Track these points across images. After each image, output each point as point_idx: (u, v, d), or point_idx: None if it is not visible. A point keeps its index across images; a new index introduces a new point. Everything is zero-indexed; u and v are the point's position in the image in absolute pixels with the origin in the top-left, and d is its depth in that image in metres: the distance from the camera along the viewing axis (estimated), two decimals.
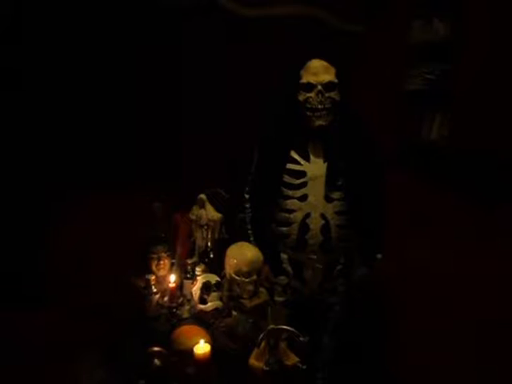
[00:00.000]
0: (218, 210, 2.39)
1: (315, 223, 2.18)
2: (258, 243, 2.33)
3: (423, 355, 2.50)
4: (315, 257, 2.25)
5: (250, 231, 2.37)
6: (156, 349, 1.77)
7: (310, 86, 2.08)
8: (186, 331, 1.91)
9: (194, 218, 2.37)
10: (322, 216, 2.17)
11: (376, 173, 2.28)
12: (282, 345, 1.86)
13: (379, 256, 2.36)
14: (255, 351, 1.84)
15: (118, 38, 2.73)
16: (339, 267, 2.33)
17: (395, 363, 2.53)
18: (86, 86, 2.71)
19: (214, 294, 2.04)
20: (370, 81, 3.14)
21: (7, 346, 2.17)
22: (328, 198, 2.17)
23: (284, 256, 2.32)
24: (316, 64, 2.10)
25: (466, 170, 3.09)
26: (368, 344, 2.55)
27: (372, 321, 2.60)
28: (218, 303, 2.05)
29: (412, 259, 2.82)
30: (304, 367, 1.83)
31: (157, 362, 1.74)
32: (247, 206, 2.37)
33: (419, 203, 3.04)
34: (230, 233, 2.42)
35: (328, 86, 2.08)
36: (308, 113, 2.11)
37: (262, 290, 2.21)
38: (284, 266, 2.33)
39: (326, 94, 2.08)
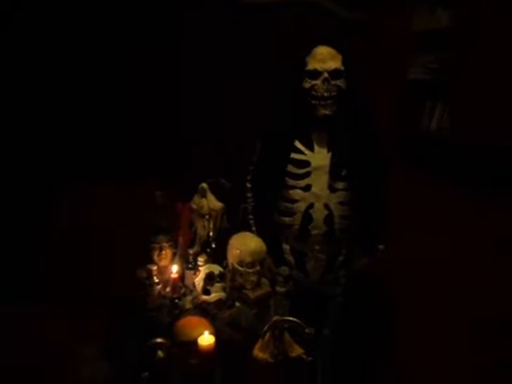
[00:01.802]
0: (219, 199, 2.35)
1: (318, 213, 2.16)
2: (260, 233, 2.31)
3: (425, 348, 2.50)
4: (318, 247, 2.23)
5: (251, 221, 2.35)
6: (159, 340, 1.74)
7: (316, 73, 2.04)
8: (190, 322, 1.89)
9: (195, 207, 2.33)
10: (326, 206, 2.15)
11: (379, 163, 2.25)
12: (287, 336, 1.85)
13: (381, 247, 2.35)
14: (259, 342, 1.81)
15: (119, 29, 2.67)
16: (341, 258, 2.31)
17: (396, 356, 2.53)
18: (88, 77, 2.65)
19: (217, 285, 2.01)
20: (370, 69, 3.09)
21: (8, 339, 2.13)
22: (332, 188, 2.15)
23: (286, 246, 2.30)
24: (322, 51, 2.06)
25: (467, 162, 3.07)
26: (369, 336, 2.54)
27: (373, 313, 2.59)
28: (222, 294, 2.02)
29: (411, 252, 2.81)
30: (309, 359, 1.82)
31: (160, 353, 1.71)
32: (249, 195, 2.34)
33: (418, 195, 3.02)
34: (231, 222, 2.38)
35: (334, 74, 2.04)
36: (313, 101, 2.07)
37: (263, 280, 2.19)
38: (286, 256, 2.31)
39: (333, 82, 2.04)
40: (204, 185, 2.32)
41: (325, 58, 2.04)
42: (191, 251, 2.26)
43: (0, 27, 2.36)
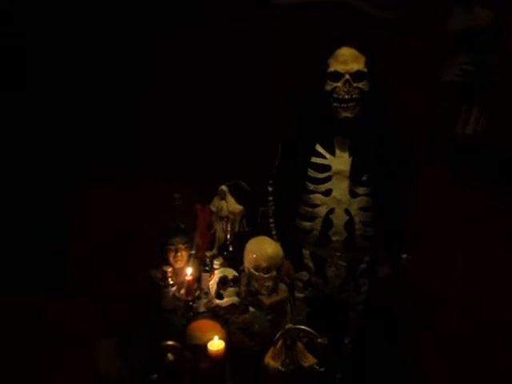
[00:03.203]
0: (239, 202, 2.32)
1: (339, 219, 2.09)
2: (280, 237, 2.28)
3: (448, 358, 2.40)
4: (338, 254, 2.17)
5: (272, 224, 2.32)
6: (169, 343, 1.72)
7: (337, 75, 1.99)
8: (201, 326, 1.87)
9: (214, 209, 2.32)
10: (347, 212, 2.09)
11: (404, 169, 2.17)
12: (300, 345, 1.80)
13: (404, 256, 2.26)
14: (271, 350, 1.77)
15: (124, 30, 2.68)
16: (363, 266, 2.24)
17: (418, 366, 2.43)
18: (105, 79, 2.70)
19: (230, 289, 1.98)
20: (403, 70, 3.01)
21: (28, 332, 2.19)
22: (353, 194, 2.08)
23: (306, 251, 2.25)
24: (345, 52, 2.00)
25: (503, 167, 2.95)
26: (391, 347, 2.46)
27: (395, 323, 2.50)
28: (235, 299, 1.99)
29: (443, 258, 2.70)
30: (321, 370, 1.76)
31: (170, 356, 1.70)
32: (270, 198, 2.31)
33: (452, 201, 2.91)
34: (250, 226, 2.35)
35: (356, 76, 1.98)
36: (334, 103, 2.01)
37: (281, 286, 2.14)
38: (306, 261, 2.26)
39: (354, 84, 1.98)
40: (224, 187, 2.30)
41: (347, 60, 1.98)
42: (208, 254, 2.25)
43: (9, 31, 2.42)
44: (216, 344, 1.72)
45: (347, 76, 1.97)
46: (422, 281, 2.59)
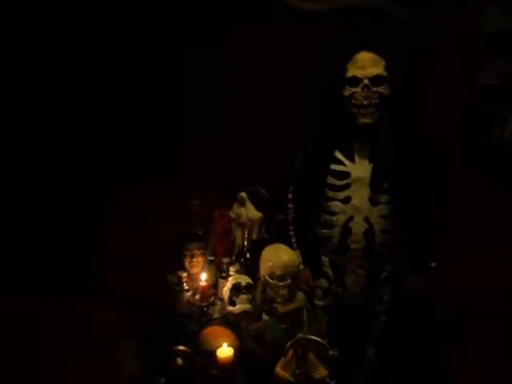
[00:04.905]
0: (258, 209, 2.31)
1: (358, 227, 2.05)
2: (300, 244, 2.25)
3: (478, 371, 2.27)
4: (357, 262, 2.12)
5: (291, 232, 2.29)
6: (180, 348, 1.74)
7: (355, 81, 1.95)
8: (214, 332, 1.87)
9: (233, 216, 2.31)
10: (366, 220, 2.04)
11: (428, 175, 2.09)
12: (312, 356, 1.76)
13: (433, 264, 2.17)
14: (282, 360, 1.76)
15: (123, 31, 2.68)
16: (384, 274, 2.18)
17: (444, 378, 2.31)
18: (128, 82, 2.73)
19: (243, 297, 1.97)
20: (437, 74, 2.89)
21: (44, 333, 2.25)
22: (373, 202, 2.03)
23: (325, 259, 2.22)
24: (364, 57, 1.96)
25: None
26: (416, 360, 2.36)
27: (421, 335, 2.40)
28: (247, 306, 1.97)
29: (479, 270, 2.57)
30: (333, 382, 1.72)
31: (179, 361, 1.71)
32: (290, 206, 2.29)
33: (489, 210, 2.77)
34: (269, 233, 2.33)
35: (375, 80, 1.93)
36: (353, 109, 1.97)
37: (299, 294, 2.12)
38: (325, 269, 2.23)
39: (374, 89, 1.93)
40: (243, 194, 2.30)
41: (365, 65, 1.93)
42: (225, 260, 2.24)
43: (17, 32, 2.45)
44: (225, 351, 1.71)
45: (366, 81, 1.93)
46: (453, 291, 2.47)
